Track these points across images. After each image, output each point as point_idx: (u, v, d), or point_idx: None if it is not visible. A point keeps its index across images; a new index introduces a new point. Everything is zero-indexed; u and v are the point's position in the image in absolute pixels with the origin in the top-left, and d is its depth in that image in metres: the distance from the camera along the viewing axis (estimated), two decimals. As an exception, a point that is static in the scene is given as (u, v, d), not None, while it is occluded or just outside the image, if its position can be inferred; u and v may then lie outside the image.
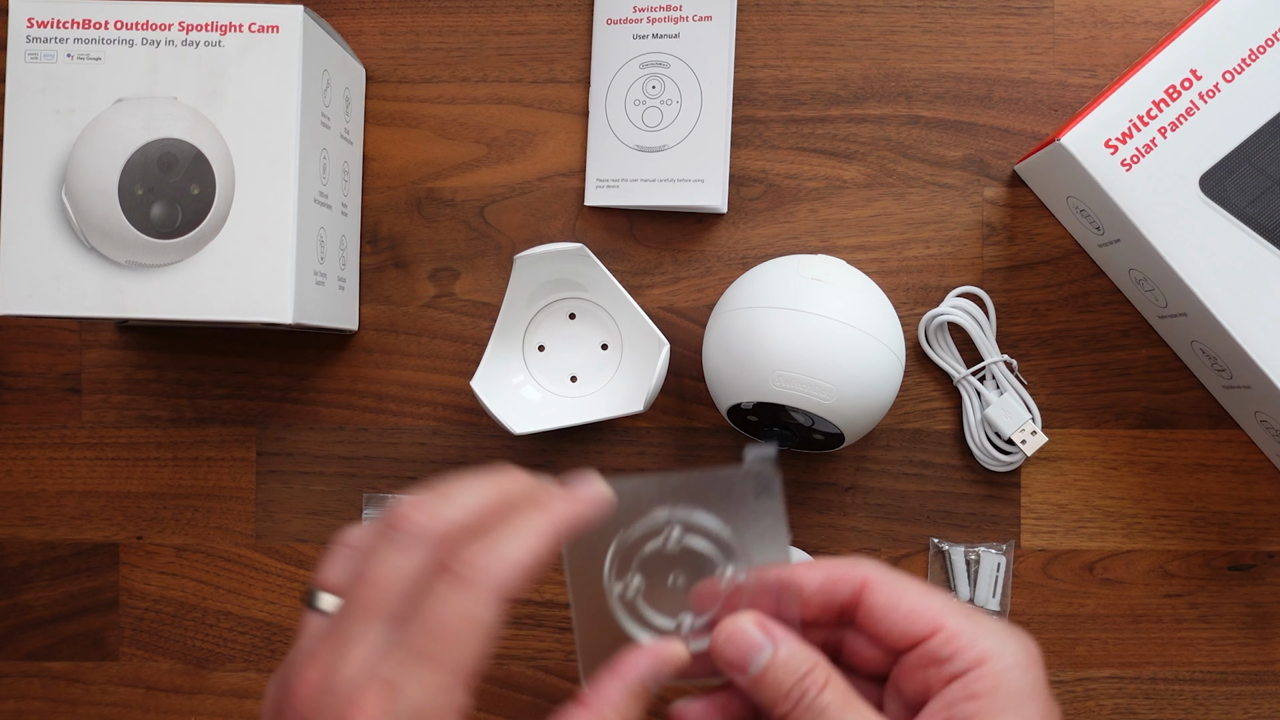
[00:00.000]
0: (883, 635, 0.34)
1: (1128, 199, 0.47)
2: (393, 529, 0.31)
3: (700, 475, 0.36)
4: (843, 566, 0.35)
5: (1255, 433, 0.54)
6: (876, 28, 0.56)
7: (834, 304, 0.48)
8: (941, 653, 0.32)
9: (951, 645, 0.32)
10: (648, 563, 0.36)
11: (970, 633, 0.32)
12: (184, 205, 0.47)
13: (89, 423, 0.57)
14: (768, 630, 0.34)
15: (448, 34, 0.57)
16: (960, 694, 0.32)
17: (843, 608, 0.35)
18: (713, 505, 0.36)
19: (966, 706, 0.31)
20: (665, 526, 0.36)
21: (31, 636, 0.57)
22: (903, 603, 0.33)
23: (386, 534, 0.31)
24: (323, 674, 0.29)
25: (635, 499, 0.36)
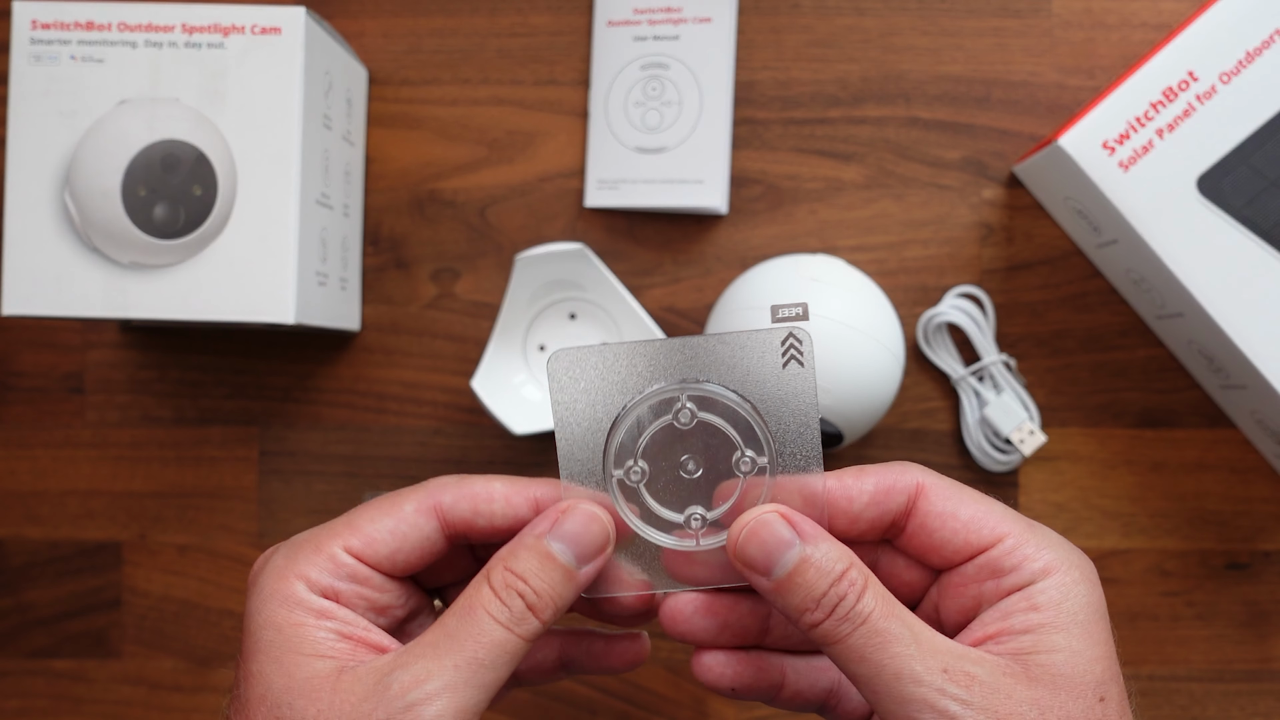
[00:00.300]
0: (938, 546, 0.31)
1: (1125, 200, 0.47)
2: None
3: (718, 338, 0.30)
4: (893, 472, 0.31)
5: (1252, 432, 0.54)
6: (875, 30, 0.56)
7: (833, 304, 0.48)
8: (1004, 562, 0.29)
9: (1016, 555, 0.29)
10: (654, 443, 0.31)
11: (1035, 542, 0.30)
12: (186, 206, 0.47)
13: (92, 422, 0.57)
14: (796, 526, 0.30)
15: (449, 36, 0.57)
16: (1022, 604, 0.29)
17: (894, 519, 0.31)
18: (732, 375, 0.30)
19: (1028, 617, 0.29)
20: (675, 400, 0.31)
21: (35, 635, 0.57)
22: (962, 509, 0.30)
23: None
24: None
25: (639, 364, 0.31)
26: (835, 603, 0.29)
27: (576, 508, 0.31)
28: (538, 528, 0.31)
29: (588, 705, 0.56)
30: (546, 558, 0.30)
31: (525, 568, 0.30)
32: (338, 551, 0.31)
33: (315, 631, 0.30)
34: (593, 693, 0.56)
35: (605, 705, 0.56)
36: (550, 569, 0.30)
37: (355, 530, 0.31)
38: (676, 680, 0.56)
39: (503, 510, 0.32)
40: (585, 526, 0.31)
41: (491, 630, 0.29)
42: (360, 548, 0.31)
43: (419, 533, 0.32)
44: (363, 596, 0.32)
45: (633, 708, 0.56)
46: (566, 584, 0.30)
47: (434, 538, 0.32)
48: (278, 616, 0.30)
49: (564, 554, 0.30)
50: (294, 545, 0.32)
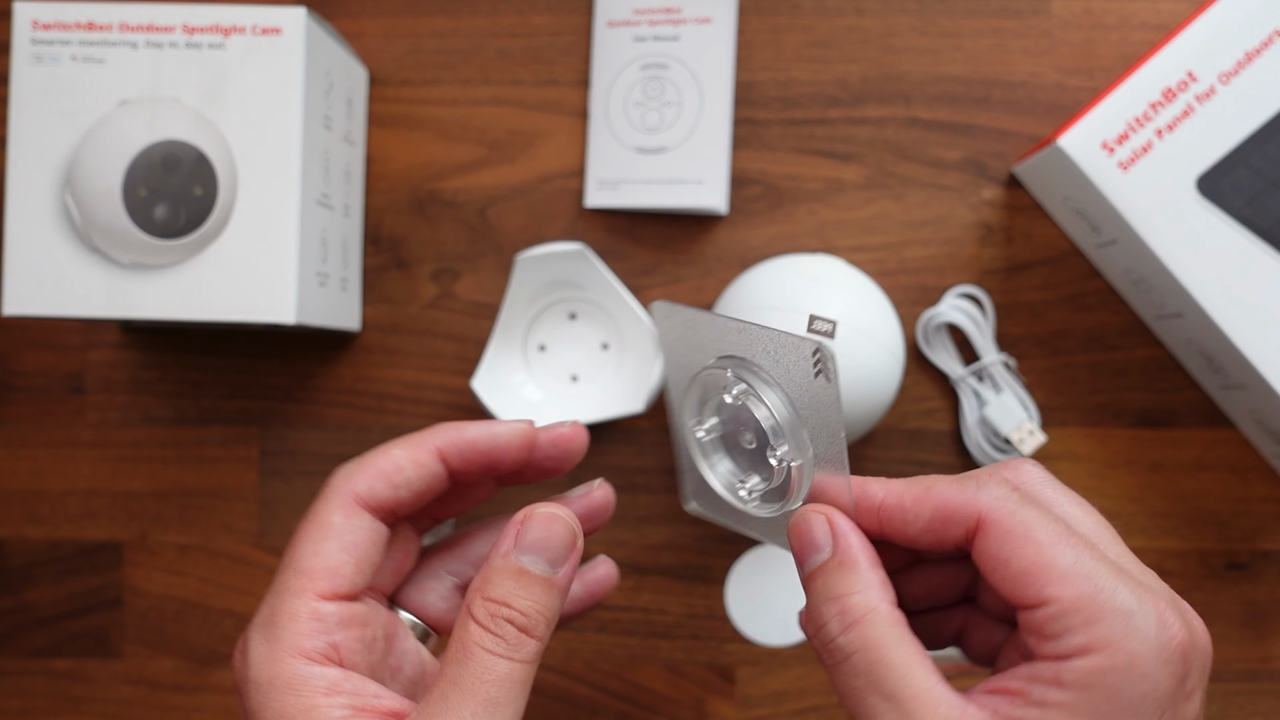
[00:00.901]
0: (994, 587, 0.28)
1: (1124, 200, 0.47)
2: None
3: (762, 329, 0.31)
4: (961, 494, 0.28)
5: (1251, 432, 0.54)
6: (875, 30, 0.56)
7: (833, 304, 0.49)
8: (1048, 628, 0.26)
9: (1060, 623, 0.26)
10: (724, 409, 0.33)
11: (1089, 612, 0.26)
12: (187, 206, 0.47)
13: (93, 422, 0.58)
14: (838, 537, 0.29)
15: (449, 36, 0.57)
16: (1048, 674, 0.26)
17: (958, 545, 0.29)
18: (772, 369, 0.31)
19: (1048, 693, 0.26)
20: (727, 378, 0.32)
21: (35, 635, 0.57)
22: (1015, 559, 0.27)
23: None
24: None
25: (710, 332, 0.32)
26: (819, 625, 0.28)
27: (533, 514, 0.30)
28: (502, 546, 0.29)
29: (588, 705, 0.56)
30: (520, 574, 0.29)
31: (503, 591, 0.29)
32: (316, 605, 0.29)
33: (329, 712, 0.28)
34: (593, 693, 0.56)
35: (605, 705, 0.56)
36: (528, 584, 0.29)
37: (310, 574, 0.29)
38: (676, 680, 0.56)
39: (415, 473, 0.31)
40: (548, 530, 0.30)
41: (494, 666, 0.28)
42: (328, 587, 0.29)
43: (363, 534, 0.30)
44: (358, 639, 0.30)
45: (633, 707, 0.56)
46: (549, 593, 0.29)
47: (377, 531, 0.31)
48: (288, 707, 0.28)
49: (536, 564, 0.29)
50: (267, 624, 0.29)
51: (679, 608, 0.56)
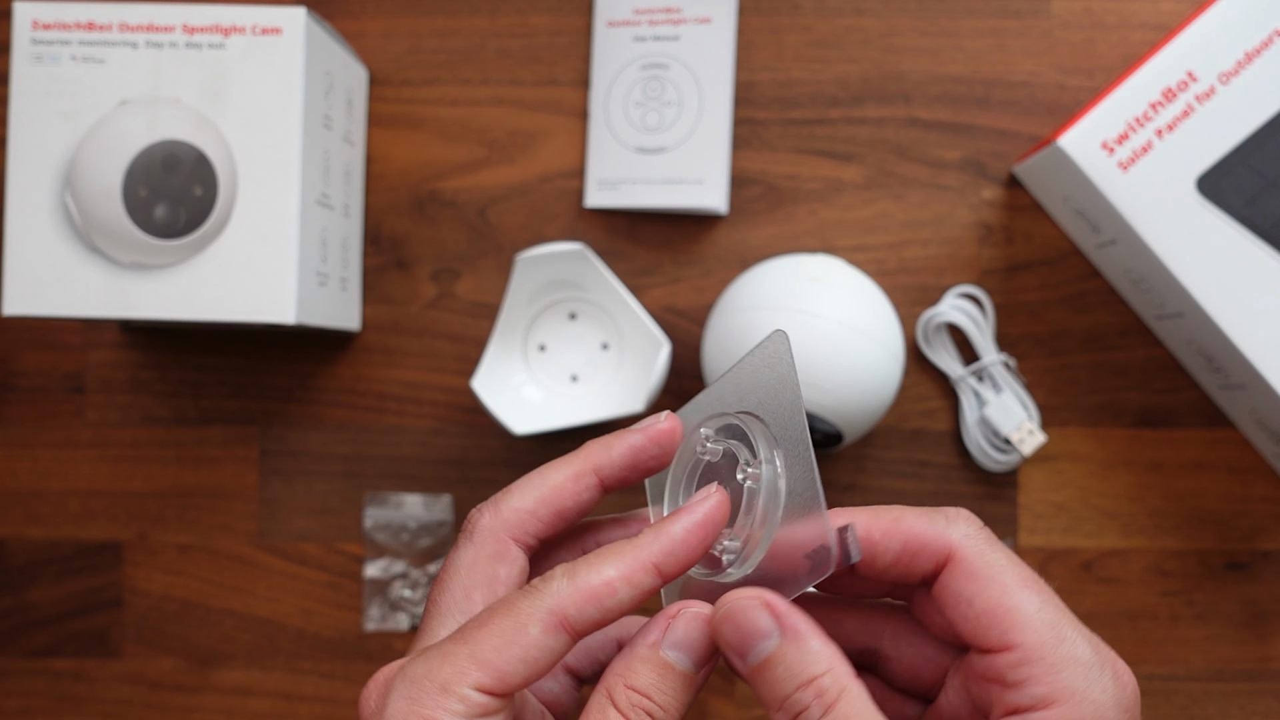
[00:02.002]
0: (950, 624, 0.28)
1: (1124, 200, 0.47)
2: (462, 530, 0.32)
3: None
4: (932, 527, 0.28)
5: (1251, 432, 0.54)
6: (875, 30, 0.56)
7: (833, 304, 0.49)
8: (1010, 675, 0.26)
9: (1023, 671, 0.26)
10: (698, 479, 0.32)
11: (1051, 661, 0.26)
12: (187, 206, 0.47)
13: (93, 422, 0.58)
14: (780, 618, 0.28)
15: (449, 36, 0.57)
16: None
17: (924, 578, 0.29)
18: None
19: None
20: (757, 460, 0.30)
21: (36, 634, 0.57)
22: (980, 599, 0.27)
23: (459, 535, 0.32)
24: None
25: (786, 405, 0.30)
26: (797, 711, 0.27)
27: (684, 612, 0.29)
28: (649, 637, 0.29)
29: (588, 705, 0.56)
30: (665, 669, 0.29)
31: (646, 683, 0.28)
32: (469, 693, 0.27)
33: None
34: (593, 692, 0.56)
35: (605, 705, 0.56)
36: (670, 679, 0.29)
37: (482, 664, 0.28)
38: (676, 680, 0.56)
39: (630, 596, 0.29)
40: (699, 631, 0.29)
41: None
42: (492, 685, 0.28)
43: (550, 655, 0.28)
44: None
45: (633, 707, 0.56)
46: (687, 690, 0.29)
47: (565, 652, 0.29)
48: None
49: (681, 661, 0.29)
50: (414, 683, 0.28)
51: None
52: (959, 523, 0.28)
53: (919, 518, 0.29)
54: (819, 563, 0.28)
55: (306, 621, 0.57)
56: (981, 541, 0.28)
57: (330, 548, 0.57)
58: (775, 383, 0.30)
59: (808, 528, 0.29)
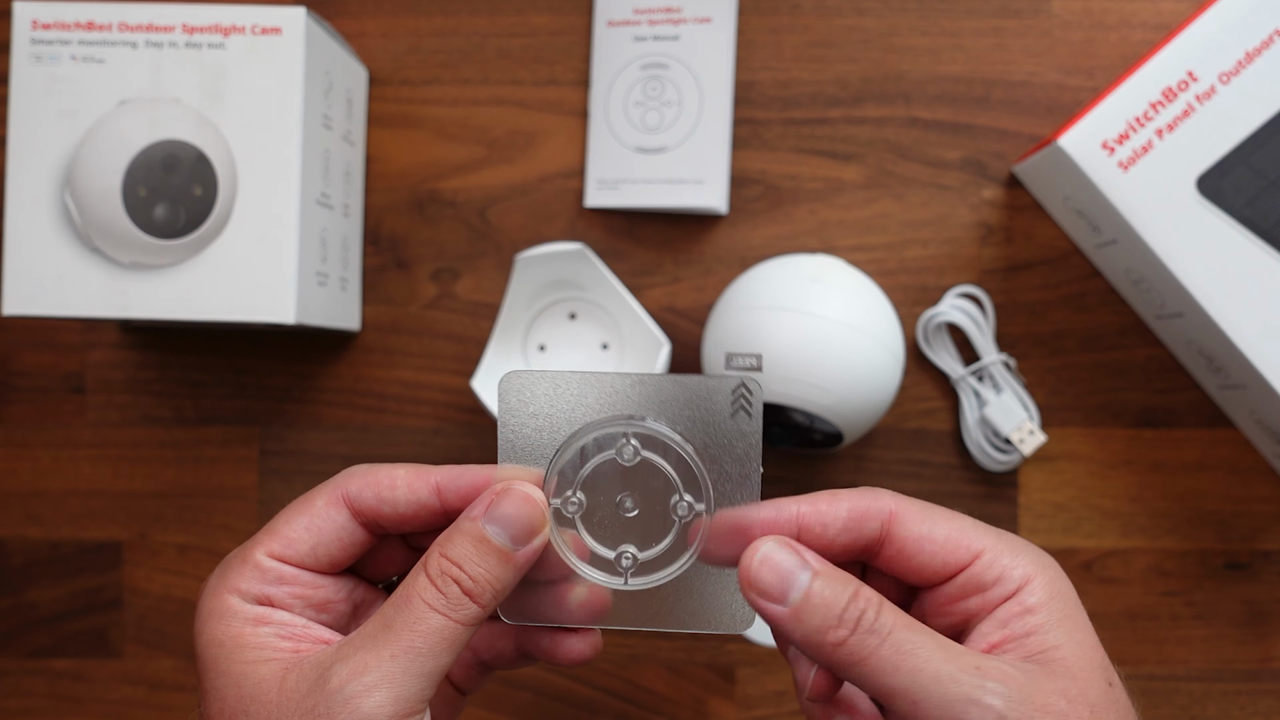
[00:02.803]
0: (917, 569, 0.31)
1: (1125, 200, 0.47)
2: None
3: (672, 379, 0.31)
4: (865, 497, 0.31)
5: (1251, 432, 0.54)
6: (875, 30, 0.56)
7: (833, 304, 0.48)
8: (986, 576, 0.30)
9: (996, 567, 0.30)
10: (595, 476, 0.31)
11: (1010, 552, 0.30)
12: (187, 206, 0.47)
13: (93, 422, 0.57)
14: (800, 553, 0.30)
15: (449, 36, 0.57)
16: (1016, 610, 0.30)
17: (868, 544, 0.31)
18: (680, 418, 0.31)
19: (1026, 621, 0.30)
20: (620, 437, 0.31)
21: (35, 634, 0.57)
22: (937, 530, 0.31)
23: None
24: None
25: (589, 396, 0.31)
26: (857, 617, 0.29)
27: (510, 489, 0.31)
28: (473, 511, 0.31)
29: (588, 705, 0.56)
30: (481, 541, 0.30)
31: (461, 553, 0.30)
32: (261, 558, 0.32)
33: (254, 638, 0.31)
34: (593, 693, 0.56)
35: (605, 705, 0.56)
36: (486, 553, 0.30)
37: (274, 534, 0.32)
38: (676, 680, 0.56)
39: (405, 496, 0.32)
40: (519, 508, 0.30)
41: (428, 618, 0.29)
42: (281, 550, 0.32)
43: (333, 524, 0.32)
44: (297, 596, 0.32)
45: (633, 707, 0.56)
46: (504, 567, 0.30)
47: (349, 528, 0.32)
48: (218, 632, 0.31)
49: (499, 536, 0.30)
50: (224, 563, 0.32)
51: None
52: (882, 492, 0.32)
53: (850, 492, 0.32)
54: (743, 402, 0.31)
55: (306, 621, 0.57)
56: (909, 499, 0.32)
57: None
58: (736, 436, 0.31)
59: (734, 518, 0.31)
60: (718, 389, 0.30)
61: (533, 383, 0.31)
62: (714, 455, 0.31)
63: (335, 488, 0.33)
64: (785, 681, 0.56)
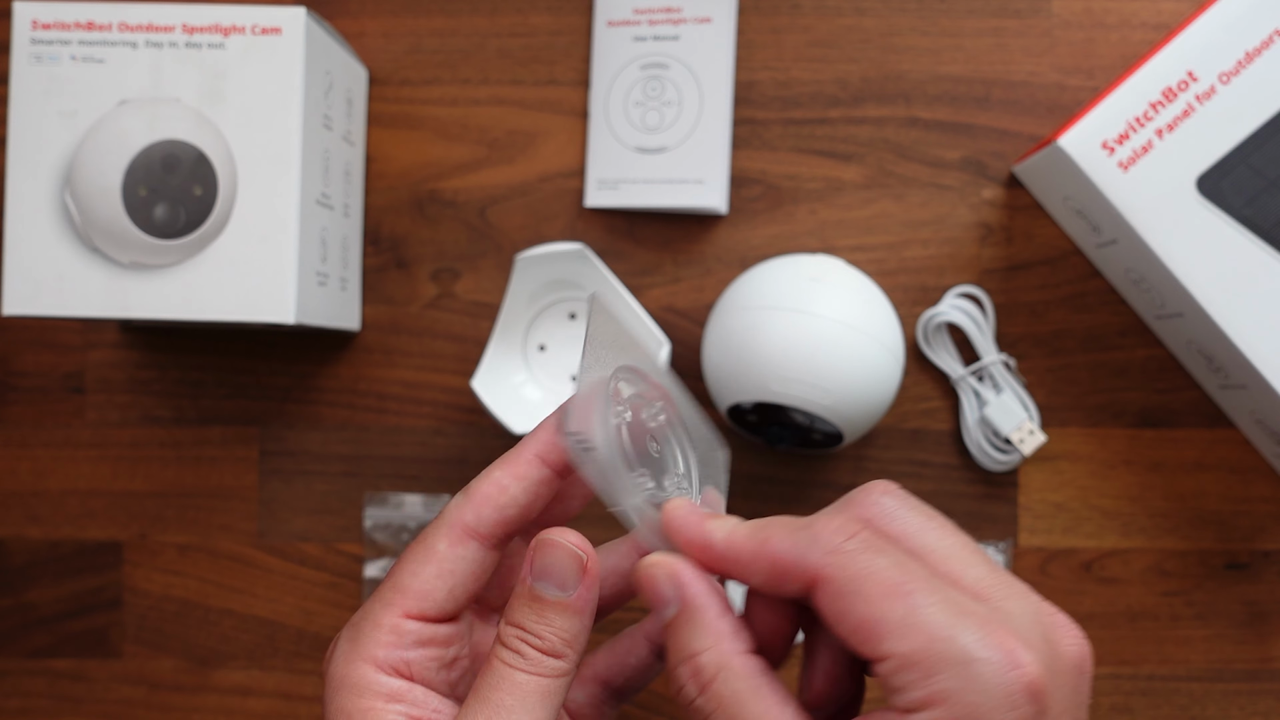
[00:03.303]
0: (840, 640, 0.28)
1: (1125, 200, 0.47)
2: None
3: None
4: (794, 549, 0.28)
5: (1251, 432, 0.54)
6: (875, 30, 0.56)
7: (833, 304, 0.48)
8: (890, 682, 0.26)
9: (899, 678, 0.26)
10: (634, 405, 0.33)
11: (926, 665, 0.25)
12: (187, 206, 0.47)
13: (92, 422, 0.57)
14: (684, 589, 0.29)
15: (449, 36, 0.57)
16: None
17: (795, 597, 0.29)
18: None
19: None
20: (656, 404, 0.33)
21: (35, 635, 0.57)
22: (849, 615, 0.27)
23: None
24: None
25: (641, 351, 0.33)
26: (677, 687, 0.28)
27: (541, 541, 0.31)
28: (525, 575, 0.31)
29: (588, 705, 0.56)
30: (536, 600, 0.30)
31: (521, 616, 0.30)
32: (399, 621, 0.31)
33: (385, 716, 0.30)
34: (593, 692, 0.56)
35: (605, 705, 0.56)
36: (542, 610, 0.30)
37: (405, 592, 0.31)
38: (676, 680, 0.56)
39: (521, 489, 0.31)
40: (552, 557, 0.30)
41: (509, 675, 0.29)
42: (418, 607, 0.31)
43: (465, 564, 0.31)
44: (434, 658, 0.31)
45: (633, 707, 0.56)
46: (563, 616, 0.30)
47: (480, 558, 0.32)
48: (349, 705, 0.30)
49: (548, 590, 0.30)
50: (354, 627, 0.31)
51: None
52: (825, 536, 0.27)
53: (785, 538, 0.28)
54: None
55: (306, 622, 0.57)
56: (844, 555, 0.27)
57: (330, 548, 0.57)
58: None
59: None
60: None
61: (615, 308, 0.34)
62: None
63: (451, 526, 0.31)
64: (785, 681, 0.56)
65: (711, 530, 0.30)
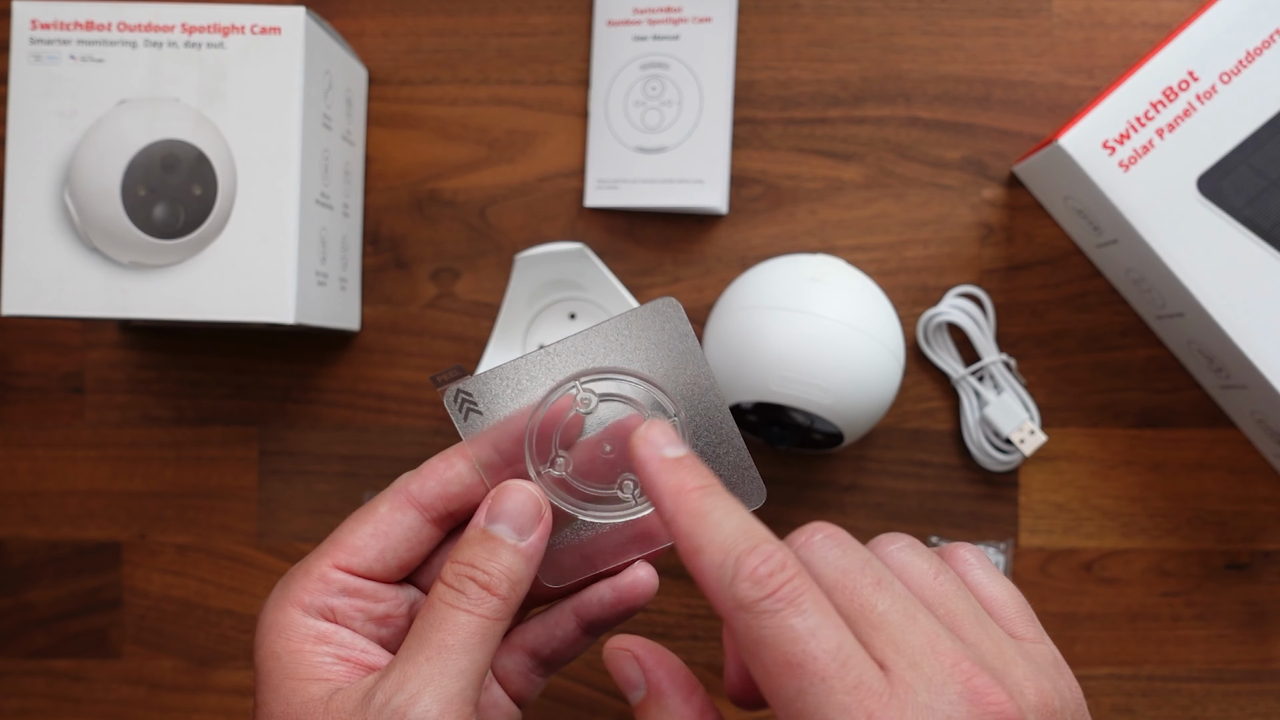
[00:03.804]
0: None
1: (1125, 200, 0.47)
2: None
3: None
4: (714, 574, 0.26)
5: (1252, 432, 0.54)
6: (875, 29, 0.56)
7: (833, 304, 0.48)
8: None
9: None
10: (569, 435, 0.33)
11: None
12: (186, 206, 0.47)
13: (92, 422, 0.57)
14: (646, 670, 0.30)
15: (449, 35, 0.57)
16: None
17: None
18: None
19: None
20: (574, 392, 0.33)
21: (35, 635, 0.57)
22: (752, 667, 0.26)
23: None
24: None
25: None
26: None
27: (504, 486, 0.32)
28: (476, 519, 0.32)
29: (588, 705, 0.56)
30: (487, 539, 0.31)
31: (471, 554, 0.31)
32: (327, 570, 0.32)
33: (312, 656, 0.31)
34: (592, 693, 0.56)
35: (605, 705, 0.56)
36: (493, 549, 0.31)
37: (339, 545, 0.32)
38: (676, 680, 0.56)
39: (468, 469, 0.33)
40: (513, 499, 0.32)
41: (451, 616, 0.30)
42: (346, 560, 0.32)
43: (400, 528, 0.32)
44: (360, 609, 0.32)
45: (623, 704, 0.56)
46: (514, 557, 0.31)
47: (418, 528, 0.33)
48: (277, 646, 0.31)
49: (502, 531, 0.31)
50: (288, 575, 0.33)
51: (679, 608, 0.56)
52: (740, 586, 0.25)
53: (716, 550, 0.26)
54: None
55: (306, 622, 0.57)
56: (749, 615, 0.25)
57: (330, 548, 0.57)
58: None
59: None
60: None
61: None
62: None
63: (396, 493, 0.33)
64: None
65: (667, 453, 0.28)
